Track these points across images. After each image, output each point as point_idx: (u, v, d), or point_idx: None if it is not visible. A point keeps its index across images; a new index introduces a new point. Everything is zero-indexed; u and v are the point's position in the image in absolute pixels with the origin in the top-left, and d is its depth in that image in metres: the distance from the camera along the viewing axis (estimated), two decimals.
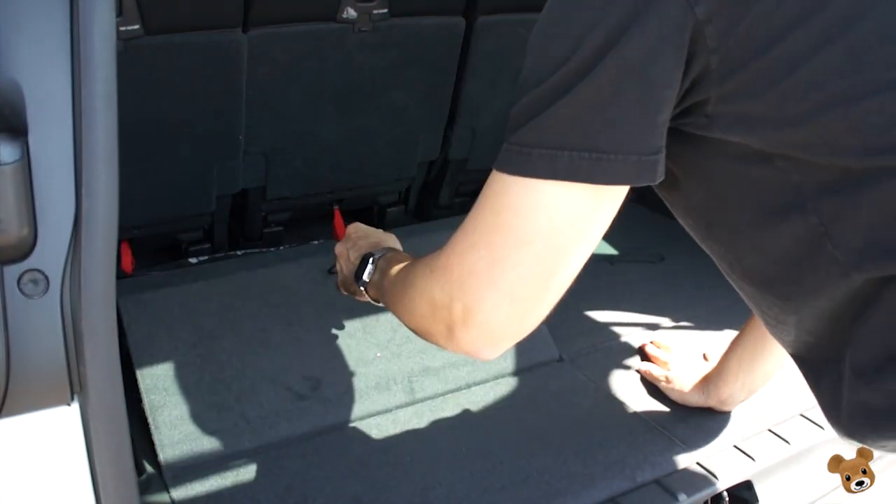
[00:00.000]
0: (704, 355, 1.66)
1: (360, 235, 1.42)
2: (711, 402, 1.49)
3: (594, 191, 0.78)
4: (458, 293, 0.87)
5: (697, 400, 1.50)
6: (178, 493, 1.25)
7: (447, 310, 0.88)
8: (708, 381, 1.49)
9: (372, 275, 1.24)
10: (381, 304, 1.25)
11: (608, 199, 0.81)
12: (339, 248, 1.46)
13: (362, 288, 1.26)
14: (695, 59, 0.75)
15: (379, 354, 1.60)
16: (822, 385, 0.95)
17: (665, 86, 0.76)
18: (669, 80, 0.75)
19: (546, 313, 0.88)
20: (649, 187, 0.86)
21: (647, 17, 0.72)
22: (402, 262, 1.16)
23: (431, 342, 0.97)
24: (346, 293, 1.43)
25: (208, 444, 1.38)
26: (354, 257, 1.35)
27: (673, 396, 1.54)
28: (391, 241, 1.38)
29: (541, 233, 0.80)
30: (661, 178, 0.80)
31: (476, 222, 0.86)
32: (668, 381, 1.55)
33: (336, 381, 1.55)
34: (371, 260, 1.25)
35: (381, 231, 1.43)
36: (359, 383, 1.55)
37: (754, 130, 0.79)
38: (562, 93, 0.76)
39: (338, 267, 1.47)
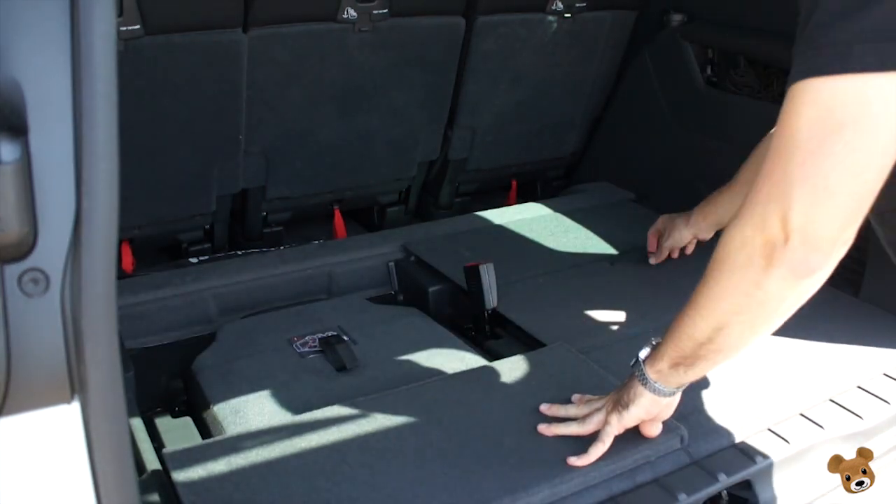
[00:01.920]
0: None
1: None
2: (696, 230, 1.88)
3: None
4: (772, 207, 0.88)
5: (684, 229, 1.91)
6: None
7: (762, 235, 0.90)
8: (694, 212, 1.87)
9: (654, 346, 1.21)
10: (675, 385, 1.21)
11: None
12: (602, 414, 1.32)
13: (643, 360, 1.21)
14: None
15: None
16: None
17: None
18: None
19: (863, 215, 0.88)
20: (652, 188, 0.87)
21: None
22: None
23: (755, 305, 0.97)
24: (616, 419, 1.28)
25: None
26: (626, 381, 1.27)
27: (667, 242, 1.95)
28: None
29: (850, 118, 0.81)
30: None
31: (780, 143, 0.87)
32: (663, 226, 1.97)
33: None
34: (646, 352, 1.23)
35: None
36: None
37: None
38: None
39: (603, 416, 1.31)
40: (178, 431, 1.56)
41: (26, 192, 0.71)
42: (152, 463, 1.35)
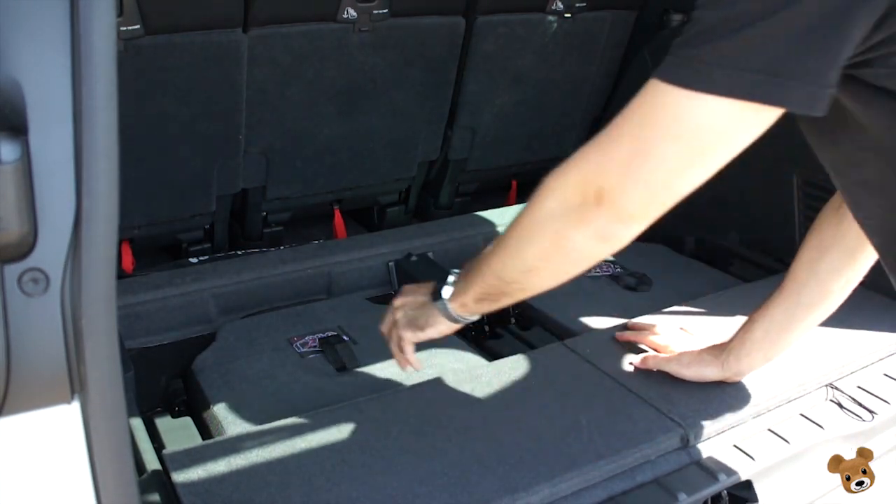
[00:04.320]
0: (682, 329, 1.66)
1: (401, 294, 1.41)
2: (730, 374, 1.48)
3: (758, 110, 0.86)
4: (595, 178, 0.97)
5: (716, 373, 1.48)
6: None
7: (581, 195, 0.99)
8: (728, 352, 1.47)
9: (455, 283, 1.27)
10: (475, 314, 1.27)
11: (765, 120, 0.88)
12: (384, 325, 1.43)
13: (447, 298, 1.27)
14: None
15: None
16: None
17: (855, 26, 0.82)
18: (860, 21, 0.81)
19: (673, 203, 0.97)
20: None
21: None
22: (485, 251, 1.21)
23: (561, 255, 1.06)
24: (410, 335, 1.37)
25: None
26: (422, 293, 1.35)
27: (687, 375, 1.50)
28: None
29: (691, 134, 0.90)
30: (824, 112, 0.86)
31: (624, 121, 0.95)
32: (679, 362, 1.52)
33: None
34: (451, 276, 1.28)
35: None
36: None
37: None
38: (758, 18, 0.82)
39: (389, 323, 1.41)
40: (178, 431, 1.56)
41: (26, 191, 0.71)
42: (152, 463, 1.35)
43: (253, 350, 1.71)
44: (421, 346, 1.71)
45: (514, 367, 1.57)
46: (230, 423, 1.48)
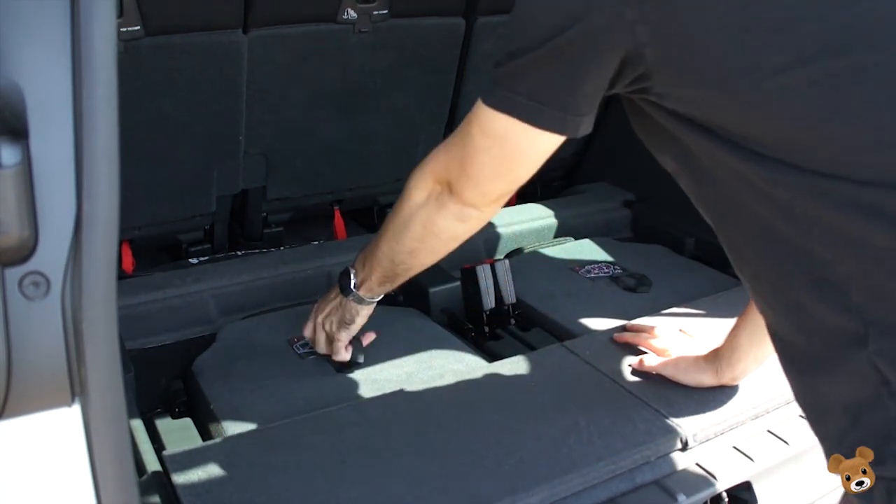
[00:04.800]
0: (682, 330, 1.66)
1: (318, 310, 1.62)
2: (725, 380, 1.48)
3: (534, 130, 1.04)
4: (444, 173, 1.23)
5: (712, 380, 1.48)
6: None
7: (438, 188, 1.25)
8: (720, 360, 1.47)
9: (356, 274, 1.50)
10: (381, 294, 1.51)
11: (545, 140, 1.06)
12: (307, 331, 1.65)
13: (354, 287, 1.50)
14: (629, 54, 0.94)
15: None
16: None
17: (593, 71, 0.98)
18: (598, 65, 0.97)
19: (507, 194, 1.23)
20: (652, 189, 0.90)
21: (584, 22, 0.94)
22: (375, 237, 1.43)
23: (433, 237, 1.30)
24: (344, 333, 1.58)
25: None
26: (332, 296, 1.58)
27: (685, 380, 1.51)
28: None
29: (496, 146, 1.11)
30: (583, 134, 1.05)
31: (461, 128, 1.17)
32: (676, 367, 1.52)
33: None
34: (349, 272, 1.51)
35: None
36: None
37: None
38: (533, 46, 0.99)
39: (317, 338, 1.62)
40: (179, 433, 1.56)
41: (27, 195, 0.71)
42: (152, 464, 1.35)
43: (253, 351, 1.71)
44: (420, 347, 1.72)
45: (514, 368, 1.57)
46: (230, 423, 1.48)
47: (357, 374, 1.62)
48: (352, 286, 1.50)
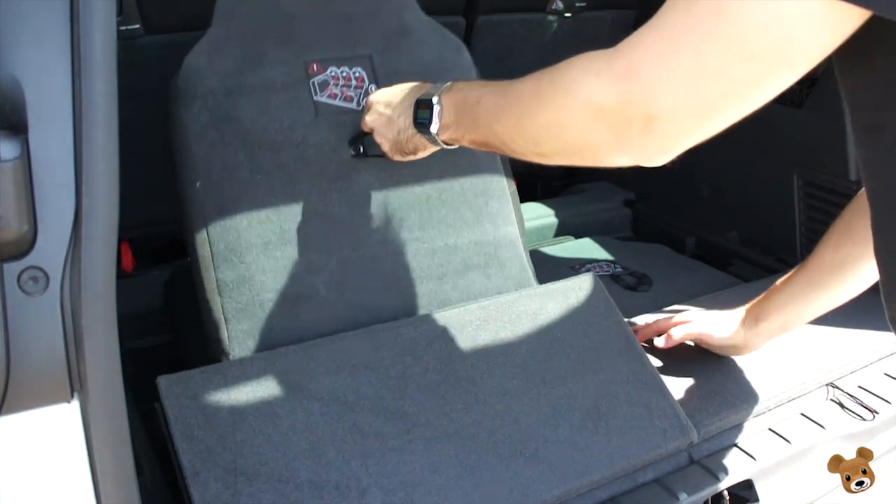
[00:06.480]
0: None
1: (390, 94, 1.34)
2: (749, 335, 1.47)
3: (840, 9, 0.70)
4: (643, 99, 0.79)
5: (738, 336, 1.48)
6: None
7: (620, 116, 0.81)
8: (748, 316, 1.47)
9: (441, 115, 1.17)
10: (458, 146, 1.21)
11: (846, 24, 0.72)
12: (370, 118, 1.37)
13: (434, 133, 1.19)
14: None
15: None
16: None
17: None
18: None
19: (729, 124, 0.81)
20: (652, 188, 0.84)
21: None
22: (478, 86, 1.11)
23: (578, 159, 0.92)
24: (401, 158, 1.35)
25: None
26: (399, 113, 1.29)
27: (715, 333, 1.50)
28: (424, 86, 1.27)
29: (766, 50, 0.73)
30: None
31: (683, 26, 0.76)
32: (703, 323, 1.51)
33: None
34: (435, 100, 1.17)
35: (405, 84, 1.32)
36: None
37: None
38: None
39: (377, 138, 1.37)
40: None
41: (26, 190, 0.71)
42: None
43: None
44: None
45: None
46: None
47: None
48: (431, 129, 1.20)
